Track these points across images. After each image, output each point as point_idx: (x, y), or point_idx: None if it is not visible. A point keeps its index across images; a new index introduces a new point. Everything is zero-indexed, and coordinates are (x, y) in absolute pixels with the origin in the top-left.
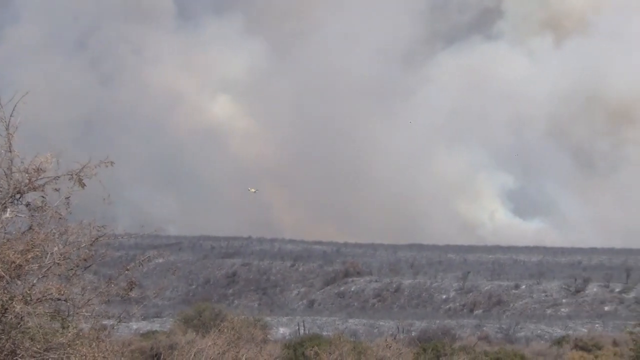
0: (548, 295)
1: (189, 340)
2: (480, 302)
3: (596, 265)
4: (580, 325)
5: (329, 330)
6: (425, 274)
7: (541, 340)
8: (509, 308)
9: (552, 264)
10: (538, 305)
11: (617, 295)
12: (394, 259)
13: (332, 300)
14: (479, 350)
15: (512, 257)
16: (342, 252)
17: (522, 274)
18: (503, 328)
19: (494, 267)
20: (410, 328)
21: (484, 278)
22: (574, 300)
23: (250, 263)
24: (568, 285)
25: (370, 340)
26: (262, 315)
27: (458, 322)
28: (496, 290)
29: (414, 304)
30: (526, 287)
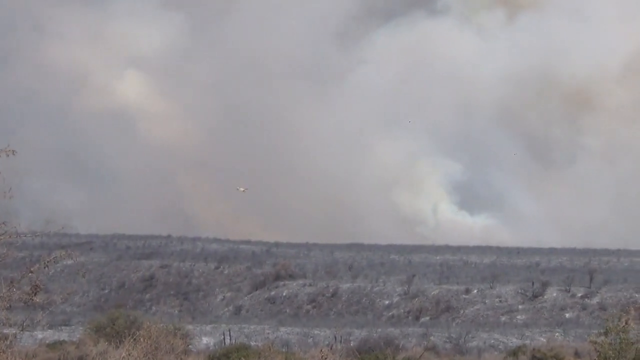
0: (502, 300)
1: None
2: (427, 308)
3: (556, 267)
4: (538, 334)
5: (257, 340)
6: (365, 277)
7: (495, 351)
8: (459, 315)
9: (507, 266)
10: (491, 312)
11: (579, 301)
12: (330, 261)
13: (262, 307)
14: None
15: (463, 258)
16: (273, 252)
17: (474, 277)
18: (452, 337)
19: (443, 269)
20: (349, 337)
21: (431, 281)
22: (531, 306)
23: (170, 265)
24: (525, 290)
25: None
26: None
27: (402, 331)
28: (445, 295)
29: (353, 310)
30: (478, 291)
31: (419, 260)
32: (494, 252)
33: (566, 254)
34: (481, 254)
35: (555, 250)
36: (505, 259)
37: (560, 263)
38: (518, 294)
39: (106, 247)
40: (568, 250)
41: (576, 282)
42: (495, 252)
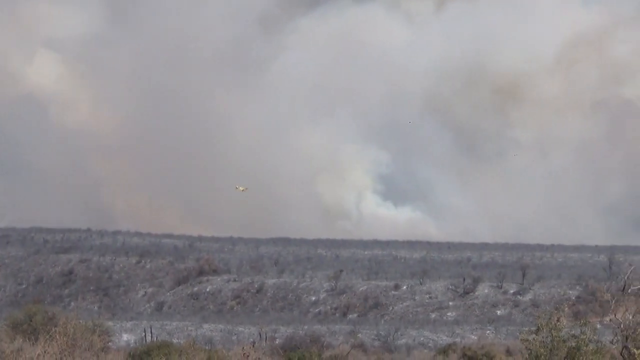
0: (432, 297)
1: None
2: (354, 304)
3: (487, 262)
4: (469, 331)
5: (180, 337)
6: (291, 272)
7: (424, 349)
8: (387, 312)
9: (437, 261)
10: (421, 309)
11: (511, 298)
12: (255, 255)
13: (184, 303)
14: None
15: (392, 253)
16: (196, 246)
17: (403, 273)
18: (381, 335)
19: (371, 264)
20: (274, 334)
21: (359, 277)
22: (462, 302)
23: (90, 259)
24: (455, 286)
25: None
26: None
27: (329, 328)
28: (373, 291)
29: (279, 306)
30: (407, 287)
31: (346, 255)
32: (423, 247)
33: (498, 249)
34: (411, 248)
35: (487, 245)
36: (436, 254)
37: (492, 258)
38: (448, 290)
39: (23, 241)
40: (500, 245)
41: (508, 278)
42: (425, 246)
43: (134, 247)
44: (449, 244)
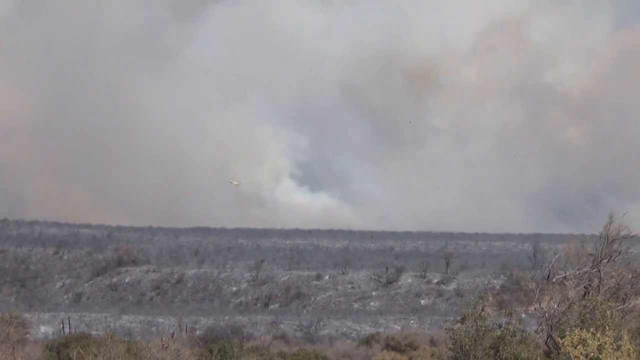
0: (355, 287)
1: None
2: (276, 295)
3: (411, 252)
4: (392, 321)
5: (99, 329)
6: (212, 262)
7: (347, 339)
8: (309, 302)
9: (360, 250)
10: (343, 299)
11: (435, 287)
12: (175, 245)
13: (103, 294)
14: (274, 352)
15: (313, 243)
16: (115, 237)
17: (325, 263)
18: (303, 325)
19: (293, 254)
20: (195, 326)
21: (280, 267)
22: (385, 292)
23: (6, 250)
24: (378, 276)
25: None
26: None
27: (250, 319)
28: (295, 281)
29: (199, 297)
30: (330, 277)
31: (268, 245)
32: (345, 236)
33: (421, 238)
34: (332, 238)
35: (409, 234)
36: (358, 243)
37: (415, 247)
38: (371, 280)
39: None
40: (423, 234)
41: (432, 267)
42: (347, 236)
43: (51, 238)
44: (371, 233)
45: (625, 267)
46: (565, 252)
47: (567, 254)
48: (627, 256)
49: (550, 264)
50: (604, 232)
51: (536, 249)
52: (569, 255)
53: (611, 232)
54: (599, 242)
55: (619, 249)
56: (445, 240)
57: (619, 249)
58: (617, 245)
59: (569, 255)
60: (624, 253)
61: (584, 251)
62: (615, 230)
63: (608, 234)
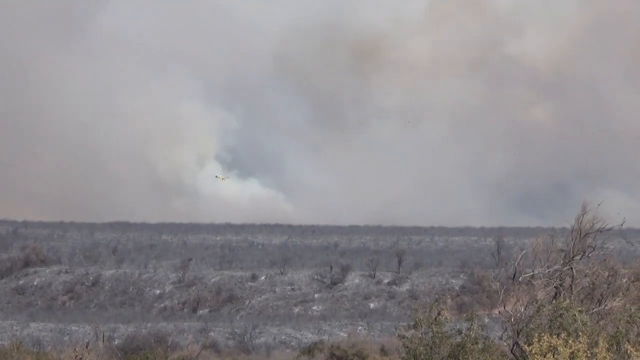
0: (295, 288)
1: None
2: (205, 298)
3: (358, 248)
4: (337, 327)
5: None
6: (132, 262)
7: (287, 348)
8: (243, 306)
9: (301, 247)
10: (282, 302)
11: (386, 288)
12: (90, 243)
13: (8, 298)
14: None
15: (248, 239)
16: (21, 233)
17: (261, 261)
18: (236, 333)
19: (224, 252)
20: (113, 334)
21: (210, 267)
22: (329, 294)
23: None
24: (321, 276)
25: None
26: None
27: (177, 326)
28: (227, 282)
29: (118, 301)
30: (266, 278)
31: (196, 242)
32: (284, 231)
33: (370, 232)
34: (269, 233)
35: (357, 228)
36: (298, 239)
37: (363, 244)
38: (314, 281)
39: None
40: (372, 228)
41: (382, 266)
42: (286, 230)
43: None
44: (313, 228)
45: (600, 265)
46: (532, 248)
47: (535, 250)
48: (602, 252)
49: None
50: (576, 225)
51: (500, 245)
52: (537, 251)
53: (584, 224)
54: (571, 236)
55: (593, 244)
56: (397, 235)
57: (594, 243)
58: (591, 240)
59: (537, 251)
60: (599, 248)
61: (554, 247)
62: (589, 222)
63: (581, 227)
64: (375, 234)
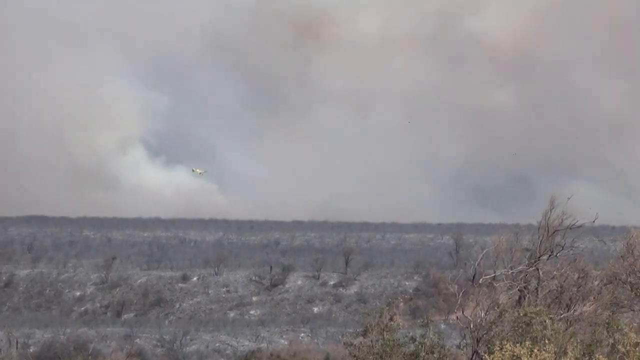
0: (231, 290)
1: None
2: (131, 301)
3: (301, 246)
4: (277, 334)
5: None
6: (49, 260)
7: (221, 357)
8: (173, 310)
9: (237, 244)
10: (216, 306)
11: (332, 291)
12: (2, 239)
13: None
14: None
15: (178, 235)
16: None
17: (193, 260)
18: (165, 340)
19: (152, 249)
20: (28, 340)
21: (136, 266)
22: (268, 297)
23: None
24: (260, 277)
25: None
26: None
27: (99, 332)
28: (155, 283)
29: (34, 304)
30: (199, 279)
31: (121, 238)
32: (219, 227)
33: (314, 228)
34: (202, 229)
35: (300, 224)
36: (234, 235)
37: (306, 241)
38: (252, 282)
39: None
40: (317, 224)
41: (328, 266)
42: (221, 226)
43: None
44: (251, 223)
45: (570, 265)
46: (495, 247)
47: (498, 249)
48: (572, 251)
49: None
50: (543, 222)
51: (459, 243)
52: (500, 250)
53: (552, 221)
54: (537, 233)
55: (562, 243)
56: (344, 231)
57: (562, 242)
58: (559, 238)
59: (500, 250)
60: (568, 247)
61: (519, 245)
62: (558, 218)
63: (548, 223)
64: (320, 230)
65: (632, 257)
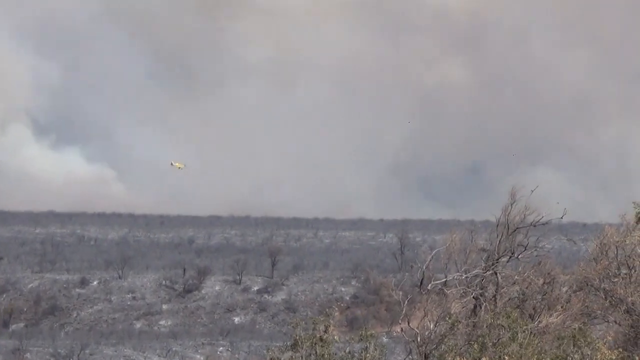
0: (137, 297)
1: None
2: (20, 309)
3: (219, 245)
4: (192, 348)
5: None
6: None
7: None
8: (70, 319)
9: (145, 243)
10: (120, 315)
11: (255, 297)
12: None
13: None
14: None
15: (76, 232)
16: None
17: (93, 262)
18: (60, 354)
19: (45, 248)
20: None
21: (27, 268)
22: (181, 305)
23: None
24: (172, 281)
25: None
26: None
27: None
28: (48, 288)
29: None
30: (100, 283)
31: (8, 235)
32: (124, 222)
33: (235, 225)
34: (104, 224)
35: (218, 219)
36: (142, 232)
37: (226, 239)
38: (162, 287)
39: None
40: (238, 220)
41: (251, 268)
42: (127, 221)
43: None
44: (162, 218)
45: (533, 269)
46: (446, 247)
47: (449, 250)
48: (536, 252)
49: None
50: (502, 218)
51: (404, 242)
52: (452, 251)
53: (513, 217)
54: (496, 232)
55: (524, 242)
56: (271, 228)
57: (525, 241)
58: (522, 237)
59: (452, 251)
60: (531, 248)
61: (474, 245)
62: (520, 214)
63: (509, 220)
64: (242, 227)
65: (606, 259)
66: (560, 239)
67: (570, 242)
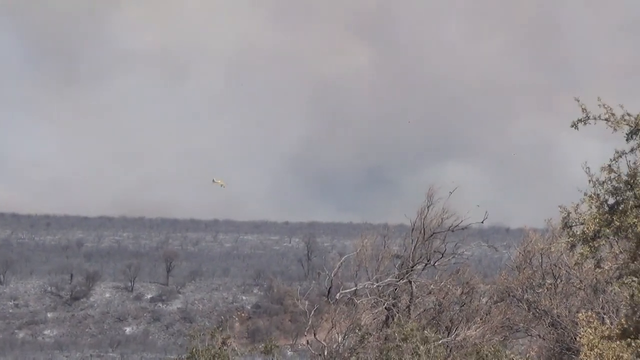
0: (20, 304)
1: None
2: None
3: (110, 249)
4: None
5: None
6: None
7: None
8: None
9: (29, 246)
10: (1, 324)
11: (149, 306)
12: None
13: None
14: None
15: None
16: None
17: None
18: None
19: None
20: None
21: None
22: (68, 313)
23: None
24: (57, 287)
25: None
26: None
27: None
28: None
29: None
30: None
31: None
32: (6, 223)
33: (126, 226)
34: None
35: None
36: (25, 234)
37: (116, 242)
38: (47, 294)
39: None
40: (130, 221)
41: (144, 274)
42: (9, 222)
43: None
44: (47, 219)
45: (451, 277)
46: (356, 253)
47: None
48: (454, 260)
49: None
50: (418, 222)
51: (310, 247)
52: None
53: (430, 221)
54: (411, 237)
55: (441, 249)
56: (165, 230)
57: (442, 248)
58: (438, 243)
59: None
60: (449, 255)
61: (387, 251)
62: (437, 218)
63: (425, 224)
64: (135, 229)
65: (529, 268)
66: (481, 245)
67: (491, 248)
